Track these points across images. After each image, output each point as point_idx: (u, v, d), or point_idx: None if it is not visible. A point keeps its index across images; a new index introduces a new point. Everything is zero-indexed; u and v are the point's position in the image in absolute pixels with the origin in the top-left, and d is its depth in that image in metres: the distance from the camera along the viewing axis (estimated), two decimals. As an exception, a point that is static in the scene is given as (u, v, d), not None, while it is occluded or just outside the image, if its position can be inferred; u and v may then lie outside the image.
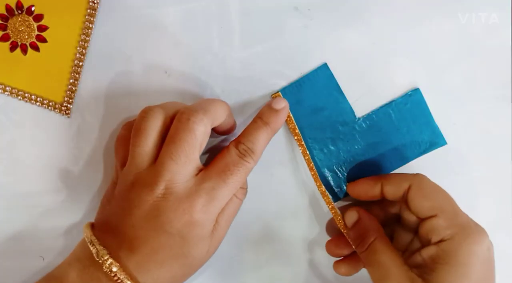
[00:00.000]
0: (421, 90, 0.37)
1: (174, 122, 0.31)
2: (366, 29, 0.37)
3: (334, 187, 0.37)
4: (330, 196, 0.36)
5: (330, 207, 0.36)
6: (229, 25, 0.36)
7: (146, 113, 0.32)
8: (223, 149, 0.33)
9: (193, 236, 0.31)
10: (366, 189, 0.35)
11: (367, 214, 0.34)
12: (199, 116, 0.31)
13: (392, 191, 0.33)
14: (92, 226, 0.33)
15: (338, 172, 0.37)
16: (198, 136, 0.31)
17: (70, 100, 0.36)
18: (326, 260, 0.38)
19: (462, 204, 0.38)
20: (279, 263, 0.38)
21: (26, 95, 0.36)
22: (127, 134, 0.33)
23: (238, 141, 0.32)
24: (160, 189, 0.30)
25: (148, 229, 0.30)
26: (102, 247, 0.30)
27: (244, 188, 0.34)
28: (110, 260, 0.30)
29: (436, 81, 0.37)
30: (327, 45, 0.36)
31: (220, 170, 0.31)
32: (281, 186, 0.37)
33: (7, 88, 0.36)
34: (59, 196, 0.37)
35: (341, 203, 0.38)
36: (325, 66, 0.36)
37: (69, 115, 0.36)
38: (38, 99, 0.36)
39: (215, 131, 0.35)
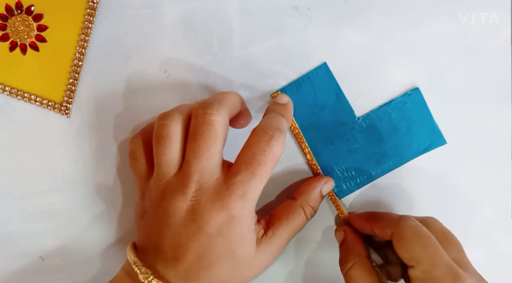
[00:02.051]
0: (421, 89, 0.37)
1: (192, 120, 0.31)
2: (366, 29, 0.37)
3: (333, 187, 0.37)
4: (335, 195, 0.37)
5: (335, 205, 0.37)
6: (229, 25, 0.36)
7: (164, 119, 0.31)
8: (248, 137, 0.31)
9: (234, 234, 0.30)
10: (360, 226, 0.35)
11: (352, 236, 0.35)
12: (214, 107, 0.31)
13: (380, 234, 0.33)
14: (135, 245, 0.33)
15: (337, 171, 0.37)
16: (217, 128, 0.30)
17: (70, 100, 0.36)
18: (325, 260, 0.38)
19: (462, 204, 0.38)
20: (278, 263, 0.38)
21: (26, 95, 0.36)
22: (139, 147, 0.33)
23: (263, 125, 0.31)
24: (191, 192, 0.30)
25: (188, 235, 0.30)
26: (145, 269, 0.30)
27: (314, 209, 0.35)
28: (155, 281, 0.30)
29: (436, 81, 0.37)
30: (327, 45, 0.36)
31: (247, 162, 0.30)
32: (280, 186, 0.37)
33: (7, 88, 0.36)
34: (58, 196, 0.37)
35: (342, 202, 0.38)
36: (324, 66, 0.36)
37: (68, 115, 0.36)
38: (38, 99, 0.36)
39: (232, 125, 0.35)
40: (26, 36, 0.35)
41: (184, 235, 0.30)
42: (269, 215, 0.34)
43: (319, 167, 0.37)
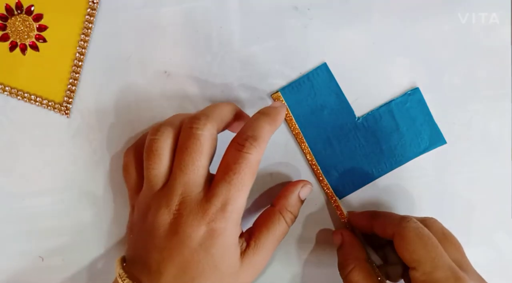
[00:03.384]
0: (421, 89, 0.37)
1: (181, 133, 0.31)
2: (366, 29, 0.37)
3: (333, 187, 0.37)
4: (335, 195, 0.37)
5: (334, 206, 0.37)
6: (229, 25, 0.36)
7: (154, 134, 0.32)
8: (226, 148, 0.32)
9: (216, 248, 0.30)
10: (360, 225, 0.35)
11: (350, 239, 0.35)
12: (201, 122, 0.31)
13: (380, 233, 0.33)
14: (124, 259, 0.33)
15: (337, 171, 0.37)
16: (203, 142, 0.30)
17: (70, 100, 0.36)
18: (326, 260, 0.38)
19: (462, 204, 0.38)
20: (279, 263, 0.38)
21: (26, 95, 0.36)
22: (131, 161, 0.34)
23: (238, 134, 0.31)
24: (174, 205, 0.30)
25: (172, 248, 0.30)
26: (128, 280, 0.30)
27: (294, 214, 0.34)
28: None
29: (436, 81, 0.37)
30: (327, 45, 0.36)
31: (223, 172, 0.30)
32: (281, 186, 0.37)
33: (7, 88, 0.36)
34: (58, 196, 0.37)
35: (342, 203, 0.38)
36: (324, 66, 0.36)
37: (68, 115, 0.36)
38: (38, 99, 0.36)
39: (231, 130, 0.35)
40: (26, 36, 0.35)
41: (167, 249, 0.30)
42: (251, 226, 0.34)
43: (319, 167, 0.37)
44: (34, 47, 0.36)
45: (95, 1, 0.35)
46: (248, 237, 0.32)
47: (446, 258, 0.30)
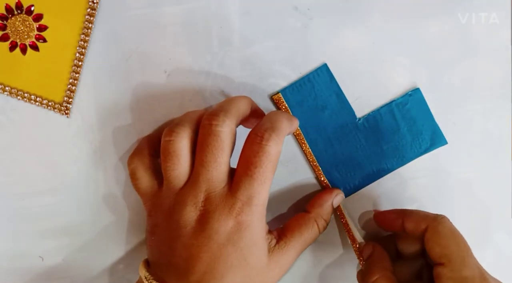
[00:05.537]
0: (421, 89, 0.37)
1: (200, 130, 0.31)
2: (366, 29, 0.37)
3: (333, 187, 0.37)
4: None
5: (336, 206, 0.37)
6: (229, 25, 0.36)
7: (170, 135, 0.31)
8: (244, 142, 0.32)
9: (244, 241, 0.30)
10: (389, 221, 0.35)
11: (380, 250, 0.35)
12: (220, 118, 0.31)
13: (411, 228, 0.33)
14: (148, 262, 0.33)
15: (338, 172, 0.37)
16: (223, 139, 0.31)
17: (70, 100, 0.36)
18: (327, 260, 0.38)
19: (462, 204, 0.38)
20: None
21: (26, 95, 0.36)
22: (137, 166, 0.34)
23: (256, 126, 0.31)
24: (200, 202, 0.30)
25: (199, 245, 0.30)
26: (155, 282, 0.31)
27: (327, 222, 0.35)
28: None
29: (436, 81, 0.37)
30: (327, 45, 0.36)
31: (244, 166, 0.31)
32: (281, 186, 0.37)
33: (7, 88, 0.36)
34: (58, 196, 0.37)
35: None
36: (325, 67, 0.36)
37: (68, 115, 0.36)
38: (38, 99, 0.36)
39: (245, 126, 0.35)
40: (26, 36, 0.35)
41: (195, 246, 0.30)
42: (281, 227, 0.34)
43: (320, 168, 0.37)
44: (34, 47, 0.36)
45: (95, 1, 0.35)
46: (278, 237, 0.33)
47: (475, 259, 0.31)
